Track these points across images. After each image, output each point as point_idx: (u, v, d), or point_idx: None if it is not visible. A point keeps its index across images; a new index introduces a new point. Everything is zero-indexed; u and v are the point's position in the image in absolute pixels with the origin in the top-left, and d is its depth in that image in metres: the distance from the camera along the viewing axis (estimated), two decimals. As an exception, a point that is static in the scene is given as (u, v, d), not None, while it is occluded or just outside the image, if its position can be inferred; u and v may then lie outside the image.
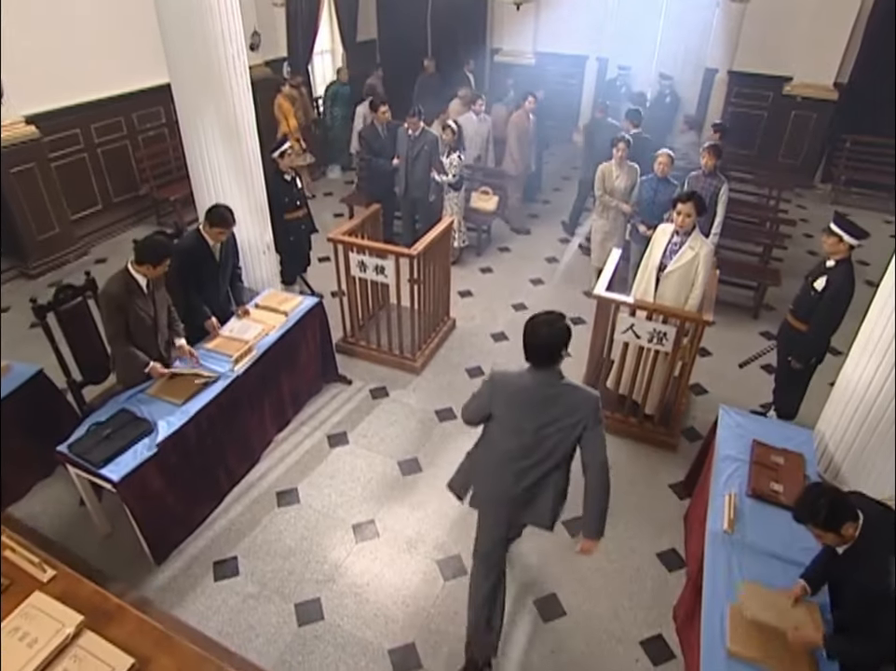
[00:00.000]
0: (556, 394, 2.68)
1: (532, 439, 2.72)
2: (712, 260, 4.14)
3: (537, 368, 2.70)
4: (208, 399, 3.67)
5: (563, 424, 2.68)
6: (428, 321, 5.21)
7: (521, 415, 2.73)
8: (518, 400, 2.74)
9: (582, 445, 2.74)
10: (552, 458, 2.75)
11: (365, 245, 4.75)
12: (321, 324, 4.73)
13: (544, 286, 6.52)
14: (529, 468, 2.76)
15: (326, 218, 7.97)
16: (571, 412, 2.67)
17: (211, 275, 4.24)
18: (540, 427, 2.69)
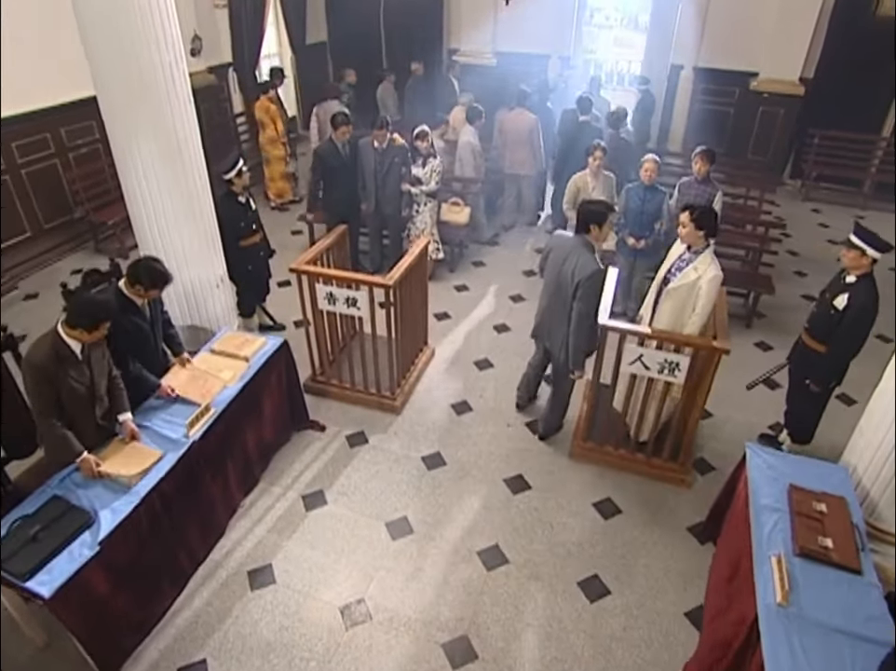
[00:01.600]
0: (575, 253, 3.65)
1: (555, 281, 3.79)
2: (717, 288, 3.69)
3: (577, 232, 3.73)
4: (161, 474, 3.08)
5: (568, 276, 3.65)
6: (406, 352, 4.70)
7: (554, 261, 3.81)
8: (556, 250, 3.82)
9: (574, 297, 3.65)
10: (562, 302, 3.74)
11: (334, 275, 4.21)
12: (288, 367, 4.17)
13: (526, 303, 6.07)
14: (551, 306, 3.89)
15: (283, 237, 7.38)
16: (574, 269, 3.61)
17: (145, 338, 3.58)
18: (560, 273, 3.73)
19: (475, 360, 5.22)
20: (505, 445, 4.36)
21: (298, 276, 4.26)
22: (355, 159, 5.81)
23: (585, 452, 4.23)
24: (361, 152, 5.81)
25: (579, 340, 3.75)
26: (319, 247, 4.49)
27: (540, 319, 4.07)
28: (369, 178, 5.85)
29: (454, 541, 3.66)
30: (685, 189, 5.10)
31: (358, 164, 5.84)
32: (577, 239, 3.71)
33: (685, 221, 3.73)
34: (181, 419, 3.37)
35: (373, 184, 5.84)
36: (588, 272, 3.54)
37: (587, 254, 3.61)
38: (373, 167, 5.77)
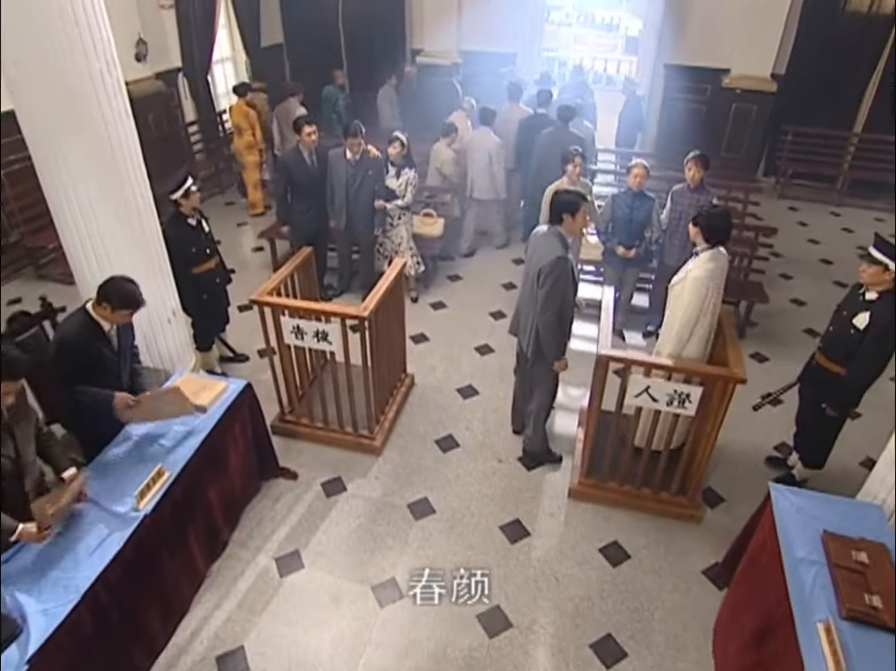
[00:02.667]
0: (542, 242, 3.53)
1: (527, 275, 3.66)
2: (700, 287, 3.41)
3: (550, 224, 3.56)
4: (106, 560, 2.60)
5: (532, 267, 3.53)
6: (384, 384, 4.27)
7: (528, 257, 3.72)
8: (530, 243, 3.69)
9: (539, 287, 3.47)
10: (530, 294, 3.58)
11: (301, 307, 3.75)
12: (253, 412, 3.71)
13: (507, 320, 5.67)
14: (523, 297, 3.76)
15: (243, 254, 6.88)
16: (538, 260, 3.47)
17: (111, 369, 3.15)
18: (530, 265, 3.61)
19: (458, 387, 4.82)
20: (498, 485, 3.97)
21: (260, 308, 3.79)
22: (323, 170, 5.33)
23: (586, 489, 3.87)
24: (332, 163, 5.30)
25: (547, 329, 3.53)
26: (283, 273, 4.02)
27: (516, 312, 3.88)
28: (339, 192, 5.35)
29: (449, 605, 3.25)
30: (678, 198, 4.78)
31: (328, 176, 5.34)
32: (548, 230, 3.56)
33: (695, 231, 3.58)
34: (130, 486, 2.89)
35: (343, 199, 5.35)
36: (548, 259, 3.39)
37: (553, 242, 3.47)
38: (345, 180, 5.27)
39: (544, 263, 3.40)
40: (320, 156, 5.34)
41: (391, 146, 5.33)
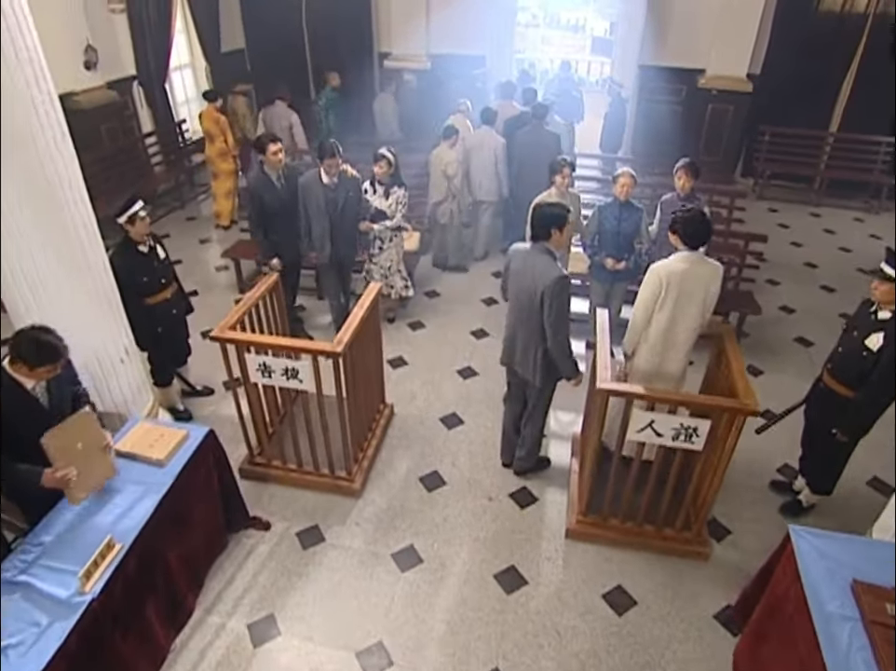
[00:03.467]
0: (534, 262, 3.27)
1: (518, 298, 3.40)
2: (653, 282, 3.35)
3: (533, 241, 3.34)
4: (45, 660, 2.22)
5: (531, 289, 3.25)
6: (362, 419, 3.93)
7: (515, 276, 3.41)
8: (515, 263, 3.42)
9: (542, 313, 3.25)
10: (528, 318, 3.35)
11: (267, 343, 3.40)
12: (218, 461, 3.34)
13: (490, 339, 5.39)
14: (517, 325, 3.48)
15: (206, 274, 6.46)
16: (536, 281, 3.22)
17: (35, 428, 2.74)
18: (522, 288, 3.34)
19: (441, 416, 4.50)
20: (489, 527, 3.66)
21: (221, 345, 3.43)
22: (293, 194, 4.76)
23: (585, 529, 3.58)
24: (306, 192, 4.66)
25: (562, 352, 3.36)
26: (246, 303, 3.66)
27: (509, 342, 3.60)
28: (320, 221, 4.69)
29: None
30: (667, 207, 4.54)
31: (301, 205, 4.72)
32: (536, 248, 3.31)
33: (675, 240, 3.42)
34: (74, 563, 2.52)
35: (326, 228, 4.72)
36: (550, 279, 3.16)
37: (548, 261, 3.24)
38: (324, 207, 4.65)
39: (546, 285, 3.16)
40: (288, 178, 4.80)
41: (377, 165, 4.81)
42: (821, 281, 6.62)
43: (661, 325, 3.43)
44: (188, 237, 7.27)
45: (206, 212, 8.14)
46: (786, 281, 6.53)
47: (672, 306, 3.35)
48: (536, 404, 3.72)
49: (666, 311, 3.37)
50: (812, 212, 8.50)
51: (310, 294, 5.93)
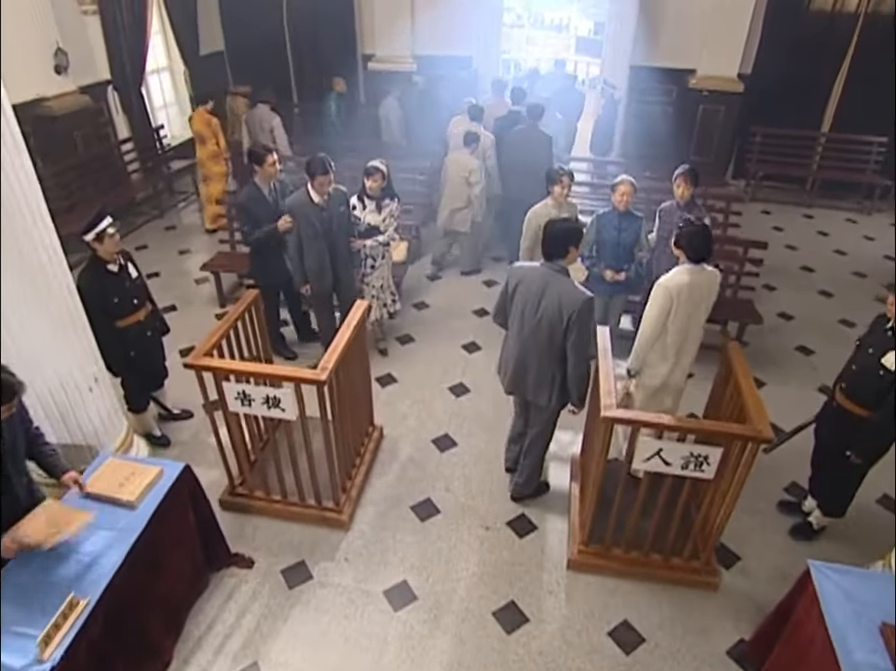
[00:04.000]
0: (553, 284, 3.04)
1: (530, 323, 3.14)
2: (659, 296, 3.29)
3: (546, 259, 3.10)
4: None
5: (553, 313, 3.03)
6: (350, 445, 3.71)
7: (525, 299, 3.13)
8: (525, 285, 3.13)
9: (566, 338, 3.05)
10: (548, 345, 3.12)
11: (246, 371, 3.17)
12: (195, 496, 3.11)
13: (482, 353, 5.19)
14: (529, 351, 3.21)
15: (185, 287, 6.19)
16: (560, 305, 3.00)
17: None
18: (537, 313, 3.09)
19: (433, 437, 4.29)
20: (487, 560, 3.46)
21: (197, 372, 3.19)
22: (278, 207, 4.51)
23: (588, 559, 3.39)
24: (297, 215, 4.24)
25: (582, 379, 3.20)
26: (224, 324, 3.42)
27: (514, 369, 3.34)
28: (315, 247, 4.29)
29: (441, 726, 2.73)
30: (666, 216, 4.36)
31: (292, 232, 4.33)
32: (551, 267, 3.09)
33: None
34: (33, 624, 2.28)
35: (323, 252, 4.32)
36: (579, 303, 2.97)
37: (569, 282, 3.06)
38: (320, 230, 4.24)
39: (574, 309, 2.97)
40: (281, 190, 4.55)
41: (371, 179, 4.41)
42: (818, 286, 6.48)
43: (674, 339, 3.37)
44: (167, 247, 7.00)
45: (186, 221, 7.88)
46: (783, 287, 6.39)
47: (685, 318, 3.31)
48: (540, 431, 3.53)
49: (678, 324, 3.32)
50: (805, 213, 8.38)
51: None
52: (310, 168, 4.12)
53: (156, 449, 4.12)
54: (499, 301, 3.35)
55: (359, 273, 4.74)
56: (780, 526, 3.74)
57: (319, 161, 4.11)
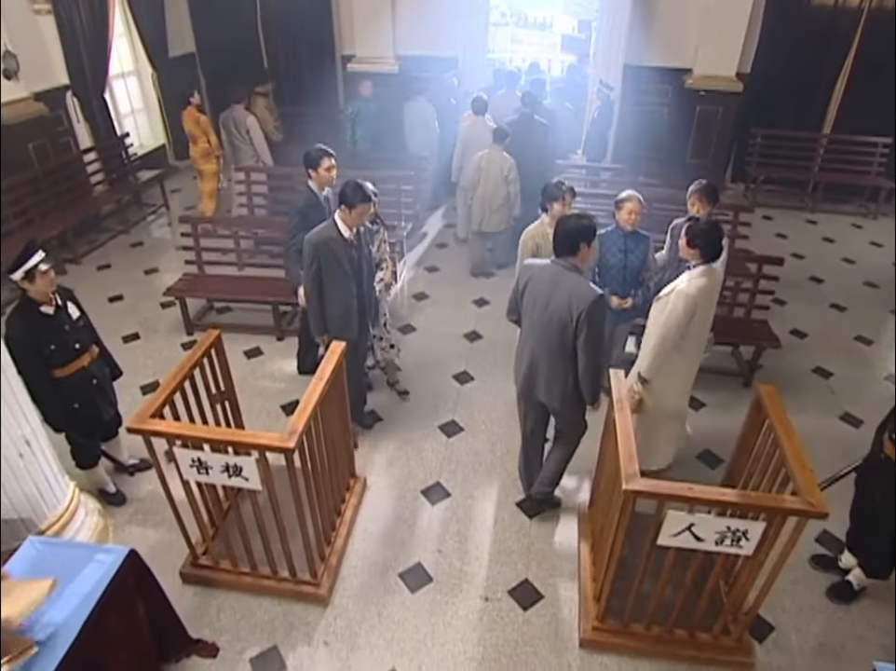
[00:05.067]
0: (563, 281, 2.95)
1: (541, 321, 3.04)
2: (683, 305, 3.17)
3: (557, 256, 3.01)
4: None
5: (563, 311, 2.92)
6: (327, 503, 3.25)
7: (535, 297, 3.05)
8: (535, 283, 3.06)
9: (577, 336, 2.93)
10: (559, 344, 3.00)
11: (202, 437, 2.69)
12: (143, 583, 2.63)
13: (476, 383, 4.75)
14: (539, 351, 3.11)
15: (149, 311, 5.67)
16: (570, 301, 2.90)
17: None
18: (547, 310, 2.99)
19: (423, 487, 3.82)
20: (487, 640, 3.01)
21: (144, 437, 2.71)
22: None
23: (603, 637, 2.95)
24: (323, 255, 3.47)
25: (594, 380, 3.08)
26: (176, 376, 2.94)
27: (527, 371, 3.22)
28: (343, 292, 3.59)
29: None
30: (679, 235, 3.92)
31: (310, 275, 3.56)
32: (561, 264, 2.99)
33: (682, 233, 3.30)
34: None
35: (352, 298, 3.65)
36: (587, 300, 2.87)
37: (579, 280, 2.96)
38: (350, 272, 3.56)
39: (582, 307, 2.86)
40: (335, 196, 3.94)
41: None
42: (829, 299, 6.10)
43: (694, 345, 3.36)
44: (132, 267, 6.48)
45: (157, 235, 7.38)
46: (793, 300, 6.00)
47: (704, 322, 3.31)
48: (568, 434, 3.40)
49: (697, 329, 3.29)
50: (808, 218, 8.02)
51: (268, 335, 5.22)
52: (347, 196, 3.37)
53: (110, 509, 3.64)
54: (511, 298, 3.29)
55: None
56: (816, 584, 3.33)
57: (357, 188, 3.38)
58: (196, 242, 5.32)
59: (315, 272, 3.53)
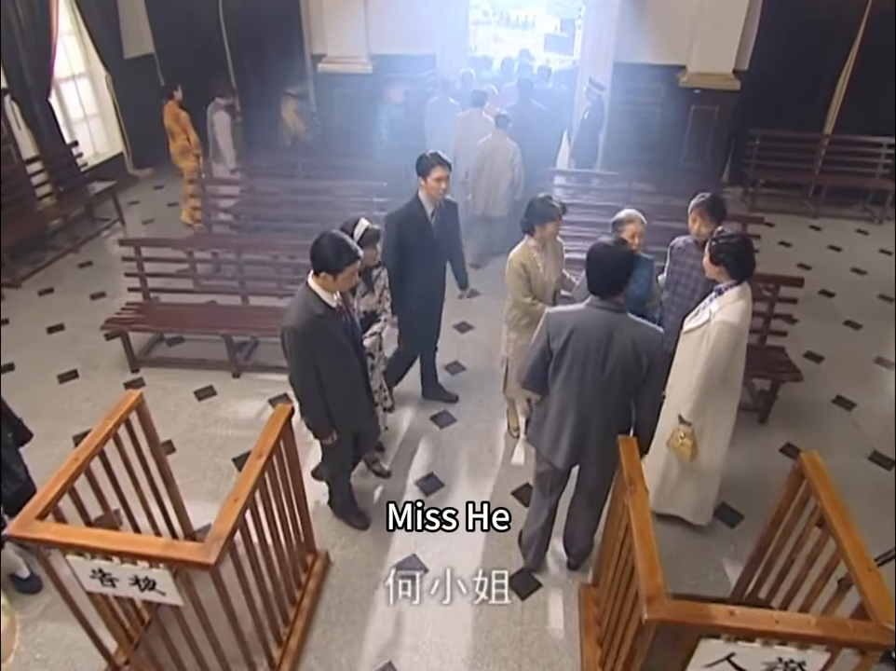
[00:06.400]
0: (620, 328, 2.43)
1: (595, 381, 2.51)
2: (729, 337, 2.79)
3: (601, 297, 2.45)
4: None
5: (628, 364, 2.44)
6: (276, 593, 2.67)
7: (584, 355, 2.48)
8: (580, 339, 2.47)
9: (645, 384, 2.50)
10: (619, 401, 2.57)
11: (100, 548, 2.09)
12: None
13: (457, 425, 4.18)
14: (593, 414, 2.59)
15: (92, 343, 5.03)
16: (635, 350, 2.42)
17: None
18: (604, 368, 2.47)
19: (397, 561, 3.22)
20: None
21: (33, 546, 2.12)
22: (446, 230, 3.72)
23: None
24: (313, 336, 2.68)
25: (654, 425, 2.69)
26: (79, 456, 2.34)
27: (572, 444, 2.68)
28: (347, 369, 2.95)
29: None
30: (679, 256, 3.38)
31: (306, 358, 2.73)
32: (609, 307, 2.45)
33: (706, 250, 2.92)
34: None
35: (357, 374, 3.06)
36: (656, 344, 2.45)
37: (636, 322, 2.48)
38: (345, 340, 2.88)
39: (652, 351, 2.44)
40: (447, 211, 3.68)
41: (366, 248, 2.99)
42: (843, 315, 5.61)
43: (738, 378, 3.04)
44: (78, 290, 5.84)
45: (109, 253, 6.72)
46: (804, 317, 5.47)
47: (743, 352, 2.97)
48: (602, 493, 2.89)
49: (739, 357, 2.96)
50: (812, 224, 7.54)
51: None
52: (328, 261, 2.58)
53: (21, 599, 3.04)
54: (535, 360, 2.63)
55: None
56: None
57: (340, 248, 2.59)
58: (140, 267, 4.70)
59: (309, 363, 2.72)
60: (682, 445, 2.96)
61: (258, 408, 4.29)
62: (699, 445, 2.99)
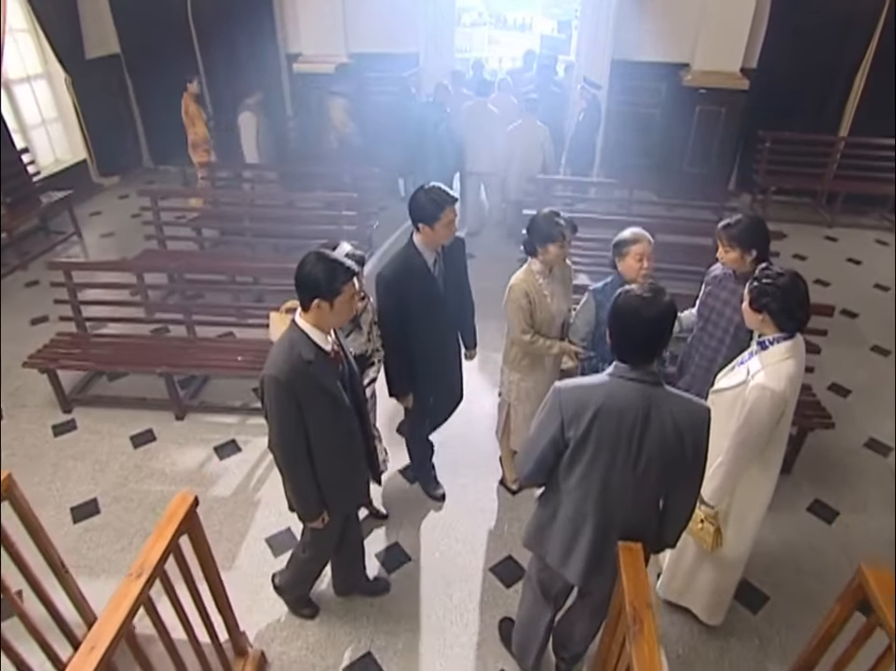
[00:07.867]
0: (658, 404, 1.83)
1: (625, 473, 1.90)
2: (769, 406, 2.15)
3: (634, 367, 1.85)
4: None
5: (669, 449, 1.84)
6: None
7: (614, 439, 1.86)
8: (608, 418, 1.84)
9: (690, 468, 1.90)
10: (653, 493, 1.97)
11: None
12: None
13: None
14: (618, 512, 1.97)
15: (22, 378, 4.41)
16: (678, 430, 1.83)
17: None
18: (639, 457, 1.87)
19: (348, 663, 2.66)
20: None
21: None
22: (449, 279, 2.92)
23: None
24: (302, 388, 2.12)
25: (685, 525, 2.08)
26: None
27: (591, 551, 2.03)
28: (342, 428, 2.32)
29: None
30: (717, 288, 2.76)
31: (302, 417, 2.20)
32: (644, 379, 1.85)
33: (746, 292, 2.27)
34: None
35: (356, 434, 2.45)
36: (704, 422, 1.85)
37: (676, 396, 1.89)
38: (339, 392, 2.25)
39: (699, 429, 1.84)
40: (452, 253, 2.89)
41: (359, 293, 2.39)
42: (869, 339, 5.03)
43: (778, 452, 2.39)
44: (17, 313, 5.25)
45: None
46: (827, 343, 4.85)
47: (789, 420, 2.31)
48: (607, 602, 2.16)
49: (782, 430, 2.31)
50: (827, 234, 6.97)
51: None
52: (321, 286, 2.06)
53: None
54: (545, 451, 1.98)
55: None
56: None
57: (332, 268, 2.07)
58: (73, 294, 4.12)
59: (296, 422, 2.14)
60: (702, 530, 2.38)
61: (201, 458, 3.71)
62: (723, 532, 2.40)
